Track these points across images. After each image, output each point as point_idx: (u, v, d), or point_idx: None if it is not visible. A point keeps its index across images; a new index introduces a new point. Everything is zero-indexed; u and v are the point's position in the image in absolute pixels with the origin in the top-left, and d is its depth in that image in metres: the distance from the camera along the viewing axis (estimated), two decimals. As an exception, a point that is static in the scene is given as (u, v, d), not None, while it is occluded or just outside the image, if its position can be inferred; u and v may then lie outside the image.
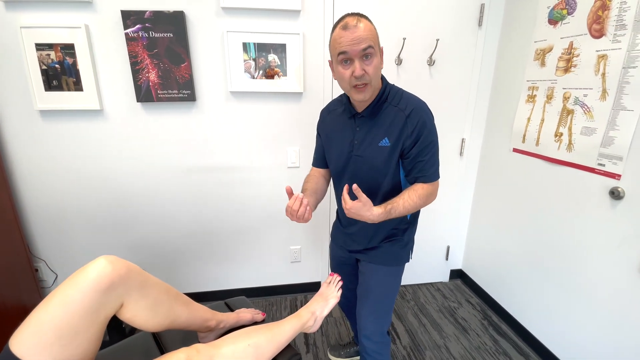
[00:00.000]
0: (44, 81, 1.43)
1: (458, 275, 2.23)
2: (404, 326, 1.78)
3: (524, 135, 1.60)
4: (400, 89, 1.00)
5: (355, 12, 0.89)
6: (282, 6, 1.50)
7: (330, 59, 0.95)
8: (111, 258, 0.70)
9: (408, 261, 1.13)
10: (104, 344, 1.00)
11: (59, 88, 1.46)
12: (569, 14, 1.34)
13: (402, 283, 2.15)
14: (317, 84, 1.65)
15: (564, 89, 1.38)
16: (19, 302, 1.54)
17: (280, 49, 1.54)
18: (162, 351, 0.94)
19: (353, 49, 0.84)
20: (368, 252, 1.11)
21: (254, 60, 1.54)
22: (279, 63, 1.56)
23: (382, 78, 0.99)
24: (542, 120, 1.49)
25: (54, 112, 1.50)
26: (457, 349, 1.62)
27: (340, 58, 0.87)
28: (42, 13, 1.38)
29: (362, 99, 0.92)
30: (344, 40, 0.85)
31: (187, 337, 0.97)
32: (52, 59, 1.41)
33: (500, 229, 1.81)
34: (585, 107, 1.29)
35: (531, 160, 1.58)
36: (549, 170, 1.48)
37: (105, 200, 1.67)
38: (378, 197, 1.01)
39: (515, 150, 1.67)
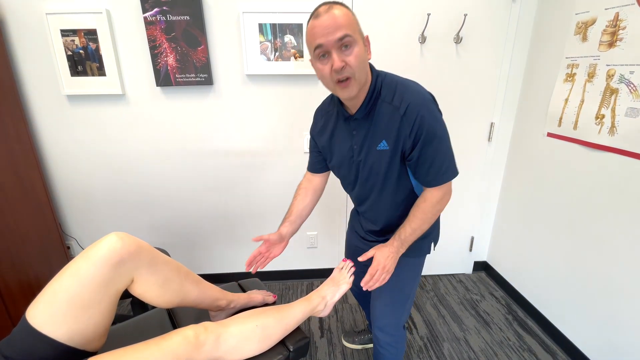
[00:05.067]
0: (69, 67, 1.49)
1: (482, 267, 2.13)
2: (422, 317, 1.73)
3: (561, 118, 1.47)
4: (395, 77, 0.87)
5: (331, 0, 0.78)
6: (298, -16, 1.45)
7: (310, 59, 0.84)
8: (121, 234, 0.71)
9: (429, 252, 1.06)
10: (123, 318, 1.05)
11: (84, 73, 1.50)
12: (616, -21, 1.20)
13: (422, 273, 2.09)
14: (335, 66, 1.60)
15: (607, 65, 1.25)
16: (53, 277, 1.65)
17: (296, 29, 1.50)
18: (175, 327, 0.96)
19: (328, 39, 0.74)
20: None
21: (270, 41, 1.51)
22: (295, 44, 1.52)
23: (372, 70, 0.87)
24: (582, 101, 1.36)
25: (80, 96, 1.56)
26: (478, 343, 1.56)
27: (317, 52, 0.77)
28: (65, -1, 1.42)
29: (348, 96, 0.81)
30: (318, 30, 0.74)
31: (200, 315, 0.99)
32: (77, 45, 1.46)
33: (531, 221, 1.70)
34: (632, 85, 1.15)
35: (568, 145, 1.45)
36: (588, 156, 1.35)
37: (129, 182, 1.74)
38: (389, 201, 0.96)
39: (549, 134, 1.54)
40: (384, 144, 0.85)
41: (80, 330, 0.66)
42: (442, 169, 0.85)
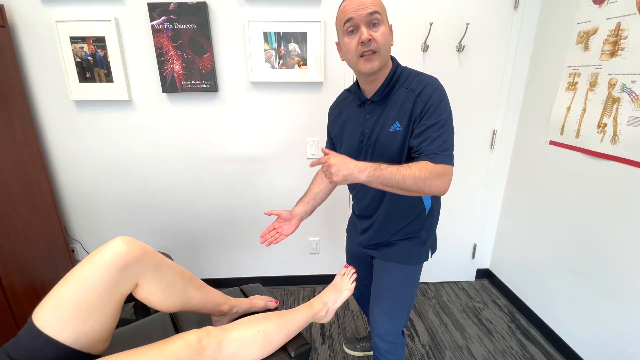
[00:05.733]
0: (78, 73, 1.52)
1: (485, 275, 2.12)
2: (424, 324, 1.72)
3: (563, 127, 1.48)
4: (414, 70, 0.93)
5: None
6: (303, -7, 1.47)
7: (337, 40, 0.93)
8: (127, 239, 0.72)
9: (427, 260, 1.06)
10: (126, 321, 1.06)
11: (92, 79, 1.53)
12: (617, -10, 1.21)
13: (424, 280, 2.09)
14: (337, 73, 1.62)
15: (609, 74, 1.25)
16: (57, 281, 1.66)
17: (300, 37, 1.52)
18: (178, 331, 0.97)
19: (359, 13, 0.81)
20: (382, 249, 1.06)
21: (275, 49, 1.53)
22: (300, 52, 1.54)
23: (393, 59, 0.94)
24: (584, 109, 1.36)
25: (87, 102, 1.58)
26: (480, 351, 1.55)
27: (346, 27, 0.84)
28: (75, 7, 1.45)
29: (370, 69, 0.85)
30: (349, 7, 0.82)
31: (203, 319, 1.00)
32: (85, 52, 1.49)
33: (534, 228, 1.69)
34: (634, 94, 1.16)
35: (570, 153, 1.45)
36: (590, 164, 1.36)
37: (134, 187, 1.75)
38: (391, 202, 0.97)
39: (552, 142, 1.55)
40: (397, 125, 0.88)
41: (85, 333, 0.67)
42: (441, 148, 0.82)
